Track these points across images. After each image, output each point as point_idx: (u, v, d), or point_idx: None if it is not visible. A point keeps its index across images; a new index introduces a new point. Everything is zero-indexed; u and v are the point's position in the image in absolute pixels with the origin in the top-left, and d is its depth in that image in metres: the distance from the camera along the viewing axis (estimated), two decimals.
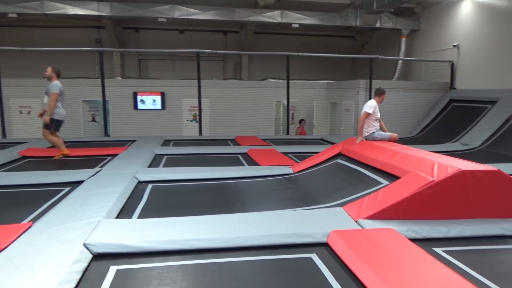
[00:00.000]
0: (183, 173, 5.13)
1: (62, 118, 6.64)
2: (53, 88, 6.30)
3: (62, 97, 6.55)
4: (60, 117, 6.57)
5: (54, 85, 6.32)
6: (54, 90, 6.28)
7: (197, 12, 12.08)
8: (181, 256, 2.66)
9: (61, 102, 6.54)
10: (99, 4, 11.47)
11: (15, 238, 2.76)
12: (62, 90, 6.51)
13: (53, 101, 6.26)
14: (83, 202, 3.66)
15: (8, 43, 13.71)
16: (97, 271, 2.42)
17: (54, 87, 6.31)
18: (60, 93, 6.41)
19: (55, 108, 6.36)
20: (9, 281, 2.12)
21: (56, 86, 6.32)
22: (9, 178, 4.93)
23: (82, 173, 5.02)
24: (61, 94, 6.50)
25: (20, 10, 11.06)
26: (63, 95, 6.56)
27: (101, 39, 15.12)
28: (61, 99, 6.50)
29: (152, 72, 15.93)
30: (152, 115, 11.92)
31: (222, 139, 9.28)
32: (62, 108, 6.59)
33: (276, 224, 3.12)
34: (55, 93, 6.27)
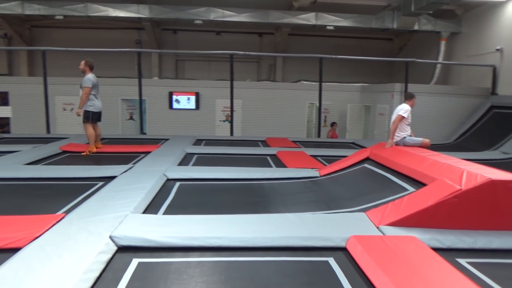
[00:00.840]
0: (210, 172, 5.24)
1: (98, 110, 6.85)
2: (85, 82, 6.51)
3: (97, 89, 6.72)
4: (96, 109, 6.79)
5: (86, 79, 6.53)
6: (86, 84, 6.49)
7: (232, 14, 12.26)
8: (200, 253, 2.75)
9: (96, 94, 6.73)
10: (139, 7, 11.91)
11: (49, 227, 2.95)
12: (96, 83, 6.68)
13: (84, 94, 6.45)
14: (113, 196, 3.84)
15: (55, 43, 14.53)
16: (120, 262, 2.55)
17: (86, 81, 6.51)
18: (93, 86, 6.59)
19: (87, 101, 6.56)
20: (39, 267, 2.28)
21: (88, 80, 6.51)
22: (49, 171, 5.24)
23: (116, 169, 5.25)
24: (95, 87, 6.66)
25: (66, 12, 11.69)
26: (97, 87, 6.73)
27: (141, 40, 15.66)
28: (95, 91, 6.69)
29: (189, 72, 16.30)
30: (186, 114, 12.21)
31: (253, 140, 9.36)
32: (98, 99, 6.78)
33: (295, 226, 3.14)
34: (87, 87, 6.48)
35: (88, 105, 6.65)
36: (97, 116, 6.92)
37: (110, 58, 14.62)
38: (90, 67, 6.73)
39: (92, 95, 6.66)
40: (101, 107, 6.99)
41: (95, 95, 6.74)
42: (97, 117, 6.93)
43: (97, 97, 6.83)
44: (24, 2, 11.73)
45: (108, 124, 10.81)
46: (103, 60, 14.96)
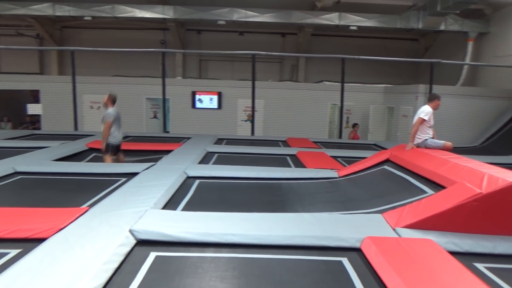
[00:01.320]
0: (229, 171, 5.32)
1: (118, 143, 6.68)
2: (106, 117, 6.42)
3: (119, 122, 6.61)
4: (116, 142, 6.61)
5: (108, 114, 6.43)
6: (107, 119, 6.39)
7: (255, 14, 12.35)
8: (215, 248, 2.82)
9: (118, 127, 6.59)
10: (164, 8, 12.16)
11: (73, 220, 3.09)
12: (118, 117, 6.58)
13: (106, 129, 6.33)
14: (134, 192, 3.97)
15: (84, 43, 14.99)
16: (139, 255, 2.64)
17: (108, 115, 6.42)
18: (114, 120, 6.48)
19: (108, 134, 6.50)
20: (63, 257, 2.41)
21: (109, 114, 6.42)
22: (76, 167, 5.46)
23: (138, 166, 5.41)
24: (117, 120, 6.56)
25: (94, 13, 12.07)
26: (119, 120, 6.62)
27: (166, 40, 15.97)
28: (117, 124, 6.56)
29: (212, 72, 16.50)
30: (208, 114, 12.37)
31: (273, 140, 9.39)
32: (119, 132, 6.66)
33: (310, 225, 3.17)
34: (108, 121, 6.39)
35: (109, 137, 6.55)
36: (116, 148, 6.85)
37: (136, 58, 15.00)
38: (113, 101, 6.53)
39: (113, 128, 6.54)
40: (121, 139, 6.80)
41: (117, 127, 6.62)
42: (115, 149, 6.80)
43: (119, 130, 6.69)
44: (55, 4, 12.19)
45: (133, 122, 11.11)
46: (129, 60, 15.39)
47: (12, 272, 2.20)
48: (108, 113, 6.38)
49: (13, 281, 2.09)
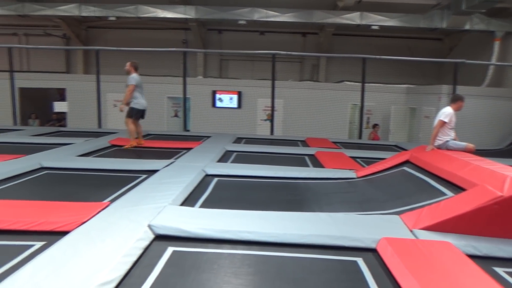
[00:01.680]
0: (247, 169, 5.36)
1: (143, 108, 7.29)
2: (129, 81, 7.02)
3: (141, 89, 7.21)
4: (140, 107, 7.23)
5: (131, 78, 7.03)
6: (131, 82, 7.00)
7: (276, 14, 12.35)
8: (231, 245, 2.86)
9: (140, 93, 7.20)
10: (185, 8, 12.32)
11: (95, 214, 3.19)
12: (140, 83, 7.18)
13: (128, 91, 6.97)
14: (154, 188, 4.06)
15: (108, 43, 15.34)
16: (156, 250, 2.72)
17: (131, 79, 7.02)
18: (137, 85, 7.08)
19: (131, 98, 7.05)
20: (84, 249, 2.50)
21: (132, 79, 7.02)
22: (99, 163, 5.61)
23: (158, 163, 5.51)
24: (139, 86, 7.15)
25: (118, 13, 12.34)
26: (141, 87, 7.22)
27: (188, 40, 16.15)
28: (139, 90, 7.16)
29: (232, 72, 16.59)
30: (228, 113, 12.46)
31: (292, 140, 9.39)
32: (142, 98, 7.25)
33: (326, 225, 3.17)
34: (131, 85, 6.97)
35: (134, 102, 7.09)
36: (140, 113, 7.31)
37: (158, 57, 15.23)
38: (135, 68, 7.18)
39: (137, 93, 7.10)
40: (146, 105, 7.37)
41: (140, 93, 7.18)
42: (140, 114, 7.32)
43: (142, 96, 7.25)
44: (81, 5, 12.53)
45: (154, 121, 11.30)
46: (151, 59, 15.63)
47: (36, 263, 2.30)
48: (132, 77, 6.97)
49: (37, 272, 2.18)
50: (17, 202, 3.55)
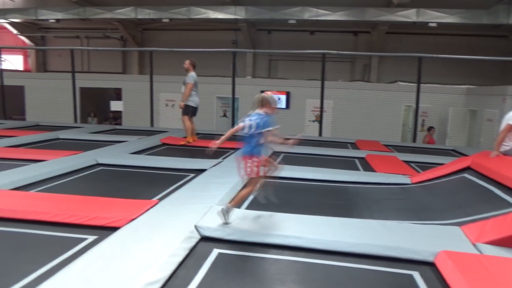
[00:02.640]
0: (295, 171, 5.24)
1: (196, 105, 7.51)
2: (188, 79, 7.18)
3: (197, 87, 7.40)
4: (195, 104, 7.45)
5: (190, 76, 7.19)
6: (189, 80, 7.15)
7: (326, 13, 12.11)
8: (277, 250, 2.78)
9: (196, 91, 7.37)
10: (236, 8, 12.43)
11: (144, 211, 3.25)
12: (197, 81, 7.36)
13: (188, 89, 7.14)
14: (202, 188, 4.08)
15: (162, 44, 15.86)
16: (202, 251, 2.70)
17: (190, 77, 7.18)
18: (194, 83, 7.23)
19: (189, 96, 7.22)
20: (132, 247, 2.53)
21: (191, 77, 7.18)
22: (150, 160, 5.76)
23: (207, 163, 5.56)
24: (196, 84, 7.33)
25: (171, 15, 12.72)
26: (197, 85, 7.40)
27: (237, 41, 16.32)
28: (195, 88, 7.33)
29: (281, 72, 16.53)
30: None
31: (342, 142, 9.12)
32: (197, 96, 7.43)
33: (379, 234, 2.99)
34: (190, 83, 7.13)
35: (189, 100, 7.28)
36: (194, 111, 7.50)
37: (208, 57, 15.51)
38: (193, 66, 7.38)
39: (193, 91, 7.30)
40: (199, 103, 7.54)
41: (195, 92, 7.37)
42: (194, 112, 7.51)
43: (197, 94, 7.44)
44: (137, 8, 13.06)
45: (203, 120, 11.50)
46: (201, 59, 15.89)
47: (87, 257, 2.36)
48: (190, 76, 7.16)
49: (87, 266, 2.23)
50: (74, 197, 3.71)
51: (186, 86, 7.17)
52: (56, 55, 18.93)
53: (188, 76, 7.25)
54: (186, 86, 7.17)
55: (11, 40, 19.20)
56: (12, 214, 3.22)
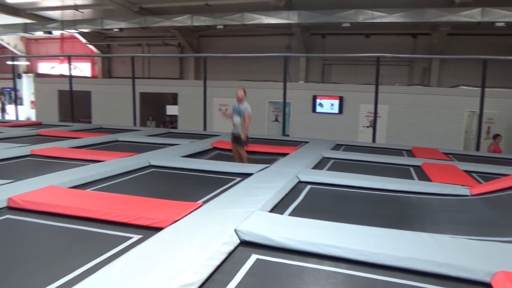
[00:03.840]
0: (343, 178, 5.09)
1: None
2: (247, 110, 6.83)
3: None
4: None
5: (248, 107, 6.86)
6: (250, 112, 6.84)
7: (382, 15, 11.68)
8: (317, 260, 2.69)
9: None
10: (288, 13, 12.40)
11: (187, 213, 3.31)
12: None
13: (248, 121, 6.79)
14: (246, 192, 4.08)
15: (217, 50, 16.28)
16: (240, 256, 2.68)
17: (248, 108, 6.85)
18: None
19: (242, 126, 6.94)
20: (172, 248, 2.58)
21: (249, 108, 6.87)
22: (199, 164, 5.89)
23: (253, 167, 5.57)
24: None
25: (225, 22, 12.99)
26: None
27: (291, 45, 16.29)
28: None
29: (335, 76, 16.23)
30: (328, 118, 12.17)
31: (397, 149, 8.72)
32: None
33: (429, 248, 2.79)
34: (249, 114, 6.83)
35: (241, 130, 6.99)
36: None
37: (261, 62, 15.66)
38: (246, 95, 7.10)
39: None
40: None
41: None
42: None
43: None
44: (193, 16, 13.51)
45: (255, 125, 11.59)
46: (254, 65, 16.16)
47: (129, 257, 2.45)
48: (248, 107, 6.84)
49: (128, 265, 2.31)
50: (124, 197, 3.89)
51: (246, 118, 6.81)
52: (120, 62, 20.15)
53: (245, 106, 6.86)
54: (246, 118, 6.81)
55: (81, 49, 20.76)
56: (67, 210, 3.44)
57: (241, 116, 6.90)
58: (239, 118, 6.94)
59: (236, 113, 6.97)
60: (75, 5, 15.73)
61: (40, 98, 16.30)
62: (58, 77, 17.99)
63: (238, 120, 6.95)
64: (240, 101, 6.93)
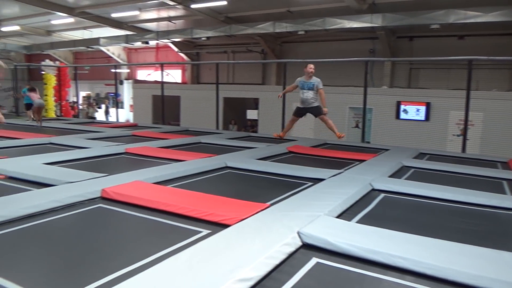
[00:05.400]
0: (421, 188, 4.81)
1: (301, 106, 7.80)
2: (320, 84, 7.29)
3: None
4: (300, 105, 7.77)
5: (320, 82, 7.31)
6: (322, 86, 7.29)
7: (477, 14, 10.72)
8: (380, 269, 2.60)
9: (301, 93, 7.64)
10: (372, 16, 12.01)
11: (254, 213, 3.44)
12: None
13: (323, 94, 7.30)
14: (314, 197, 4.09)
15: (298, 56, 16.40)
16: (300, 258, 2.71)
17: (320, 83, 7.31)
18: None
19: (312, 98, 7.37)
20: (235, 244, 2.72)
21: (321, 83, 7.31)
22: (273, 167, 6.01)
23: (326, 172, 5.53)
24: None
25: (307, 27, 13.04)
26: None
27: (375, 49, 15.73)
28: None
29: (423, 81, 15.27)
30: (413, 126, 11.52)
31: (490, 160, 7.92)
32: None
33: (509, 268, 2.54)
34: (323, 89, 7.29)
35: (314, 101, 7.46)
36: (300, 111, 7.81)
37: (342, 68, 15.38)
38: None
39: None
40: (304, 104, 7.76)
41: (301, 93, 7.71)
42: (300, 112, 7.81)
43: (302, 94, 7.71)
44: (275, 22, 13.80)
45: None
46: (334, 70, 15.92)
47: (195, 249, 2.63)
48: (320, 82, 7.21)
49: (193, 256, 2.50)
50: (199, 194, 4.15)
51: (320, 92, 7.28)
52: (207, 68, 21.33)
53: (318, 81, 7.35)
54: (320, 92, 7.28)
55: (173, 57, 22.43)
56: (148, 203, 3.80)
57: (313, 90, 7.11)
58: (312, 92, 7.33)
59: (307, 88, 7.33)
60: (168, 16, 17.08)
61: (137, 102, 17.96)
62: (153, 83, 19.68)
63: (311, 95, 7.32)
64: (309, 77, 7.32)
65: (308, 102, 7.40)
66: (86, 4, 15.90)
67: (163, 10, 16.12)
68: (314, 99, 7.35)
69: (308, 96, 7.39)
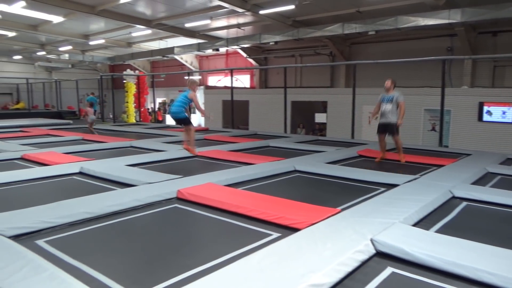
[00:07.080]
0: (509, 198, 4.37)
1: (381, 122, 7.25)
2: (401, 97, 6.93)
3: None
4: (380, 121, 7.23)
5: (401, 95, 6.92)
6: (403, 99, 6.94)
7: None
8: (464, 284, 2.42)
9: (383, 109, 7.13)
10: (450, 12, 11.19)
11: (324, 218, 3.39)
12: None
13: (404, 107, 6.90)
14: (388, 203, 3.92)
15: (369, 57, 15.85)
16: (374, 266, 2.62)
17: (401, 96, 6.93)
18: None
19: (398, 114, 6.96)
20: (306, 248, 2.70)
21: (402, 96, 6.95)
22: (343, 171, 5.88)
23: (400, 178, 5.28)
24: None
25: (377, 27, 12.54)
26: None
27: (453, 47, 14.67)
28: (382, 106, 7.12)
29: (509, 80, 13.90)
30: (498, 128, 10.54)
31: None
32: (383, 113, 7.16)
33: None
34: (404, 101, 6.93)
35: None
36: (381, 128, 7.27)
37: (416, 68, 14.56)
38: (395, 85, 7.14)
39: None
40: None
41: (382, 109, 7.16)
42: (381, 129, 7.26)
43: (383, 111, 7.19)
44: (344, 24, 13.49)
45: (409, 134, 10.85)
46: (408, 70, 15.13)
47: (267, 251, 2.67)
48: (401, 95, 6.95)
49: (264, 259, 2.53)
50: (269, 197, 4.21)
51: (401, 106, 6.89)
52: (275, 73, 21.48)
53: (397, 95, 6.92)
54: (401, 106, 6.89)
55: (242, 63, 22.96)
56: (220, 205, 3.93)
57: (393, 104, 6.92)
58: (390, 105, 6.96)
59: (387, 102, 7.02)
60: (238, 23, 17.53)
61: (209, 107, 18.65)
62: (223, 88, 20.32)
63: (390, 108, 6.98)
64: (388, 91, 7.02)
65: (386, 116, 7.02)
66: (162, 16, 16.91)
67: (233, 18, 16.58)
68: (392, 112, 6.94)
69: (386, 108, 7.01)
